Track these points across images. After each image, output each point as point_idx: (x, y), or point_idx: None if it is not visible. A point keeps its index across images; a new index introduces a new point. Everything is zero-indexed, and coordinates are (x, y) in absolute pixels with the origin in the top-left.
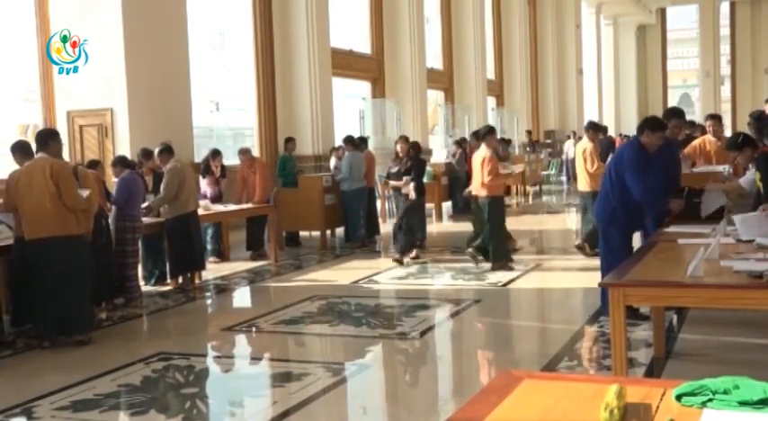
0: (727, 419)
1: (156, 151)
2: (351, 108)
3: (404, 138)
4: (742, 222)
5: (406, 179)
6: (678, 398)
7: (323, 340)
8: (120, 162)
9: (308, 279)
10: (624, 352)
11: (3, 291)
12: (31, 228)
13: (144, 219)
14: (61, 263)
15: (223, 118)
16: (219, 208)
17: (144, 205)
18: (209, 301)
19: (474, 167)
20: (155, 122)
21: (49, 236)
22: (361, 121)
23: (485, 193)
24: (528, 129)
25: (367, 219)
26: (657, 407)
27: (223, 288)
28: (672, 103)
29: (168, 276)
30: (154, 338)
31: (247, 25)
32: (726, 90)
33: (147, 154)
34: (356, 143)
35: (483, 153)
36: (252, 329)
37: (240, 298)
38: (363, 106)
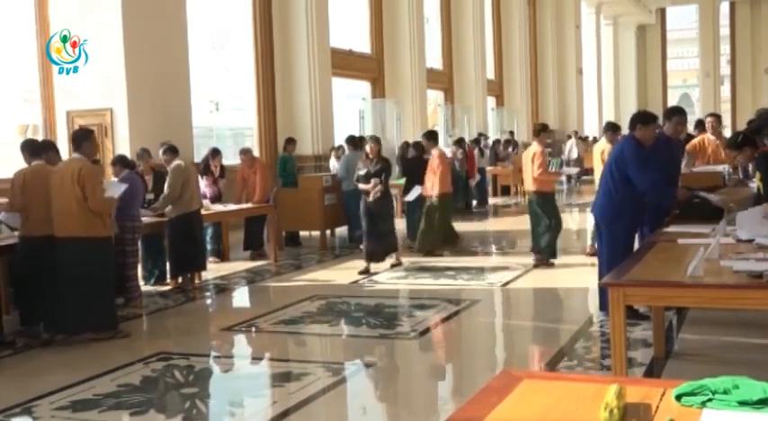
0: (727, 419)
1: (161, 150)
2: (350, 108)
3: (374, 139)
4: (742, 219)
5: (374, 181)
6: (678, 397)
7: (323, 340)
8: (120, 161)
9: (307, 279)
10: (624, 352)
11: (3, 291)
12: (59, 227)
13: (144, 219)
14: (83, 263)
15: (223, 118)
16: (219, 208)
17: (153, 206)
18: (208, 301)
19: (525, 164)
20: (154, 122)
21: (74, 236)
22: (361, 122)
23: (534, 189)
24: (511, 130)
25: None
26: (657, 406)
27: (223, 288)
28: (672, 103)
29: (168, 276)
30: (153, 338)
31: (247, 25)
32: (726, 90)
33: (146, 153)
34: (356, 143)
35: (534, 148)
36: (251, 329)
37: (240, 298)
38: (363, 106)
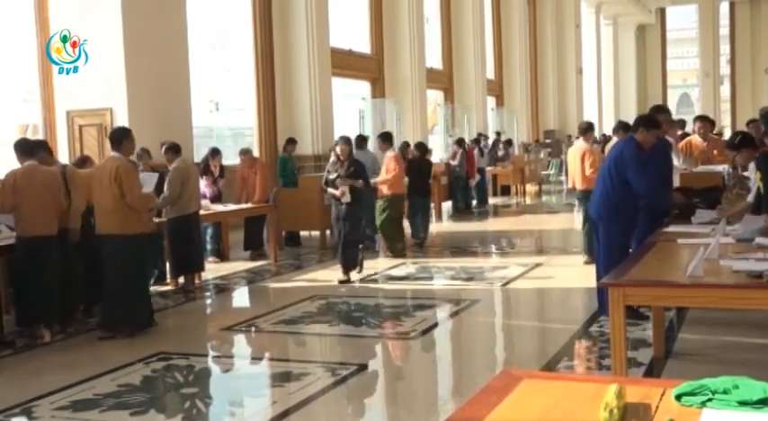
0: (727, 419)
1: (163, 149)
2: (350, 108)
3: (344, 140)
4: (746, 222)
5: (341, 190)
6: (678, 397)
7: (323, 340)
8: None
9: (307, 279)
10: (624, 351)
11: (3, 291)
12: (98, 225)
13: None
14: (122, 260)
15: (223, 118)
16: (219, 208)
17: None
18: (208, 301)
19: (571, 162)
20: (154, 122)
21: (112, 233)
22: (361, 121)
23: (584, 187)
24: (497, 130)
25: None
26: (657, 406)
27: (223, 288)
28: (671, 103)
29: (168, 277)
30: (153, 338)
31: (247, 25)
32: (725, 90)
33: (146, 153)
34: (357, 142)
35: (582, 147)
36: (251, 329)
37: (240, 298)
38: (363, 106)
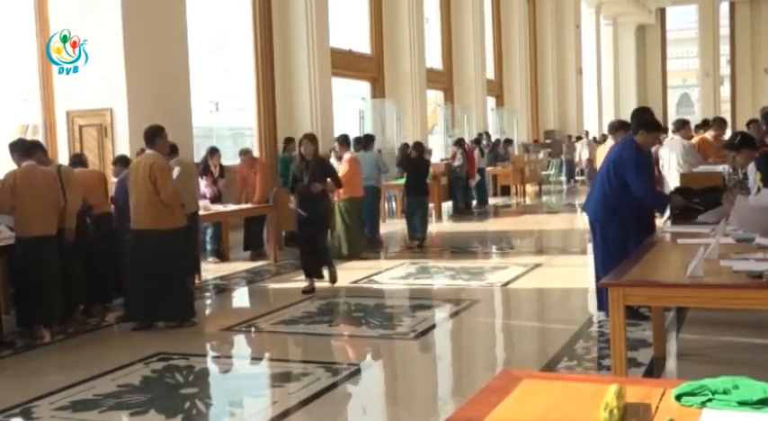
0: (727, 419)
1: None
2: (350, 108)
3: (308, 137)
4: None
5: (313, 186)
6: (678, 398)
7: (322, 340)
8: (120, 161)
9: None
10: (624, 352)
11: (3, 292)
12: (133, 221)
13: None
14: (155, 255)
15: (222, 118)
16: (219, 208)
17: None
18: (208, 301)
19: (601, 159)
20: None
21: (146, 228)
22: (361, 122)
23: None
24: (485, 131)
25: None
26: (657, 407)
27: (223, 288)
28: (671, 103)
29: None
30: (153, 338)
31: (247, 25)
32: (725, 90)
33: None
34: (364, 142)
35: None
36: (251, 329)
37: (240, 298)
38: (363, 106)
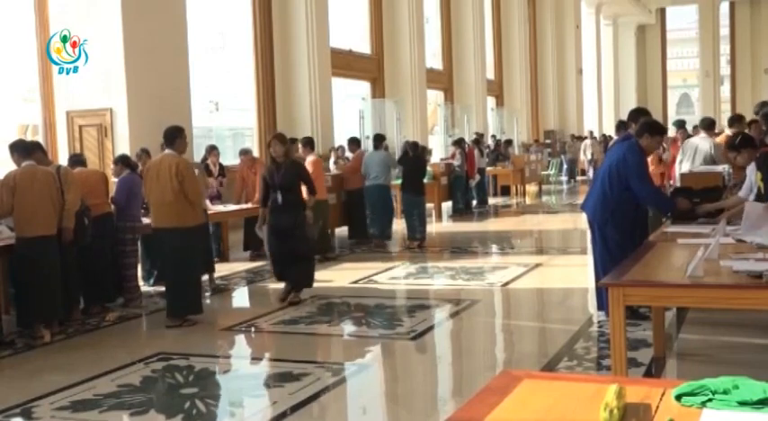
0: (727, 419)
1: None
2: (350, 108)
3: (278, 138)
4: (748, 216)
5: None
6: (678, 398)
7: (322, 340)
8: (122, 161)
9: None
10: (624, 352)
11: (3, 292)
12: (155, 219)
13: (144, 219)
14: (178, 251)
15: (222, 118)
16: (219, 208)
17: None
18: (208, 301)
19: None
20: (154, 122)
21: (169, 226)
22: (361, 122)
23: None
24: (483, 132)
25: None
26: (657, 407)
27: (222, 288)
28: (671, 103)
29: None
30: (153, 338)
31: (247, 25)
32: (725, 90)
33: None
34: (374, 142)
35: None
36: (251, 329)
37: (239, 298)
38: (363, 106)
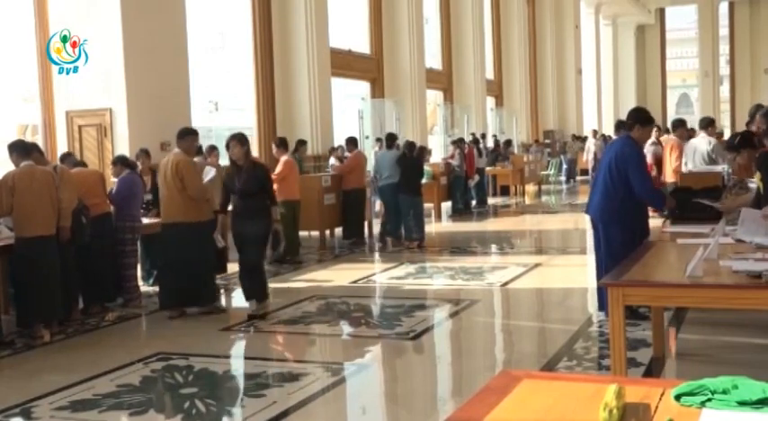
0: (726, 419)
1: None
2: (350, 108)
3: (237, 138)
4: (744, 221)
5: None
6: (677, 397)
7: (322, 340)
8: (120, 161)
9: (306, 279)
10: (623, 352)
11: (2, 292)
12: (163, 215)
13: (143, 220)
14: (184, 246)
15: (222, 118)
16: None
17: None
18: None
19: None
20: (154, 122)
21: (175, 222)
22: (361, 122)
23: (674, 180)
24: (473, 132)
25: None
26: (656, 406)
27: (222, 288)
28: (671, 104)
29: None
30: (153, 338)
31: (247, 25)
32: (725, 90)
33: (144, 154)
34: (387, 142)
35: (671, 140)
36: (251, 329)
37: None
38: (362, 106)
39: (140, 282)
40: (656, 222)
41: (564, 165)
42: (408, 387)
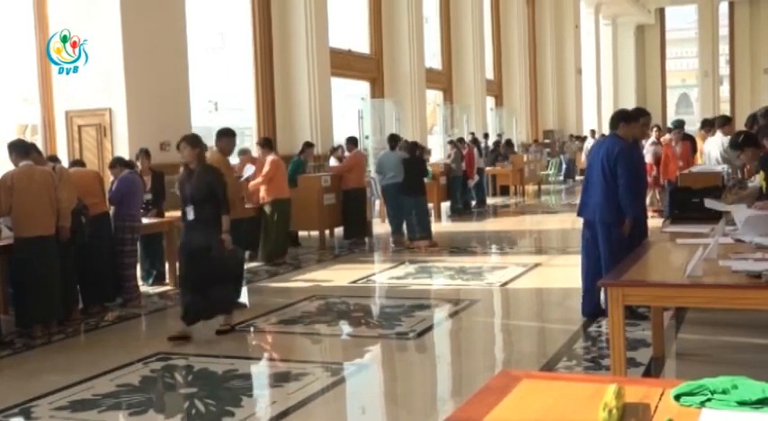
0: (726, 419)
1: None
2: (350, 108)
3: (189, 140)
4: (745, 220)
5: (188, 210)
6: (677, 397)
7: (322, 340)
8: (118, 162)
9: (306, 279)
10: (623, 352)
11: (2, 292)
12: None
13: (143, 220)
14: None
15: (222, 118)
16: None
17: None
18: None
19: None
20: (153, 122)
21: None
22: (360, 122)
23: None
24: (473, 131)
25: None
26: (656, 406)
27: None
28: (671, 104)
29: (167, 276)
30: (152, 338)
31: (246, 25)
32: (725, 90)
33: (144, 154)
34: (390, 143)
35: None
36: (250, 329)
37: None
38: (362, 106)
39: (140, 282)
40: (655, 222)
41: (564, 165)
42: (408, 387)
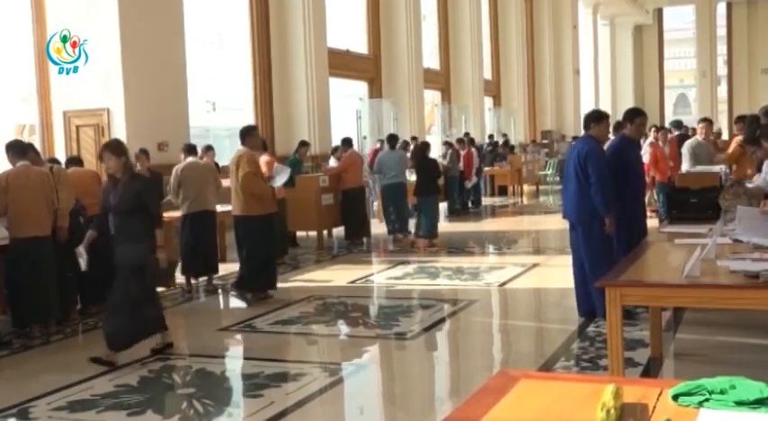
0: (724, 419)
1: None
2: (347, 108)
3: (109, 148)
4: (742, 218)
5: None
6: (675, 397)
7: (320, 340)
8: None
9: (304, 279)
10: (621, 352)
11: (1, 291)
12: (233, 207)
13: None
14: (245, 237)
15: (219, 118)
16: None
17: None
18: (205, 301)
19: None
20: (151, 122)
21: (237, 214)
22: (358, 122)
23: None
24: (467, 131)
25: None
26: (654, 406)
27: (219, 287)
28: (669, 104)
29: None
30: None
31: (244, 25)
32: (722, 90)
33: (143, 154)
34: (389, 142)
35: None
36: (249, 329)
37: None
38: (360, 106)
39: None
40: (654, 222)
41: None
42: (406, 387)
